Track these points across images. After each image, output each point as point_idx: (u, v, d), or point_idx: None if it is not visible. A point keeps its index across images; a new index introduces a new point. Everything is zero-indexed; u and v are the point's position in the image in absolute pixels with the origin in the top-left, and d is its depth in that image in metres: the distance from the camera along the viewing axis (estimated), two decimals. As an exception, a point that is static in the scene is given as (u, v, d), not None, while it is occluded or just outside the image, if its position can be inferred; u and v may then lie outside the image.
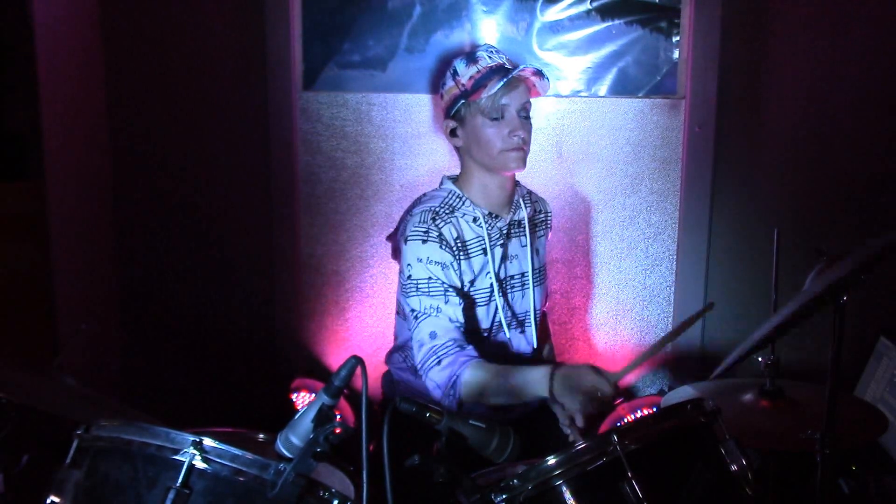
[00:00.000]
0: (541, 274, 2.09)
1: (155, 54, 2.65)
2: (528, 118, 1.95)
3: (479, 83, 1.91)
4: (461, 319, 1.88)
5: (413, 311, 1.88)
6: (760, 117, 2.60)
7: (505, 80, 1.87)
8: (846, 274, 1.41)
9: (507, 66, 1.95)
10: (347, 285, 2.73)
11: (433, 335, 1.84)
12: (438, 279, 1.87)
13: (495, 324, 2.00)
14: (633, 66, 2.59)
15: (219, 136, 2.69)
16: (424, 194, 2.04)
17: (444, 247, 1.89)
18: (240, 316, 2.78)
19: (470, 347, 1.85)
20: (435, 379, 1.83)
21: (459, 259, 1.92)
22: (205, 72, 2.66)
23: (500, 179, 1.99)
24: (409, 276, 1.89)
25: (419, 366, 1.86)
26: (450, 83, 1.96)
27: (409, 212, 2.01)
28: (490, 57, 1.94)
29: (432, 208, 1.94)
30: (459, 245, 1.93)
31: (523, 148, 1.93)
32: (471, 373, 1.79)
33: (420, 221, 1.91)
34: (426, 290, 1.86)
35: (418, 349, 1.86)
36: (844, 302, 1.46)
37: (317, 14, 2.59)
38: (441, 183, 2.04)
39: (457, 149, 2.03)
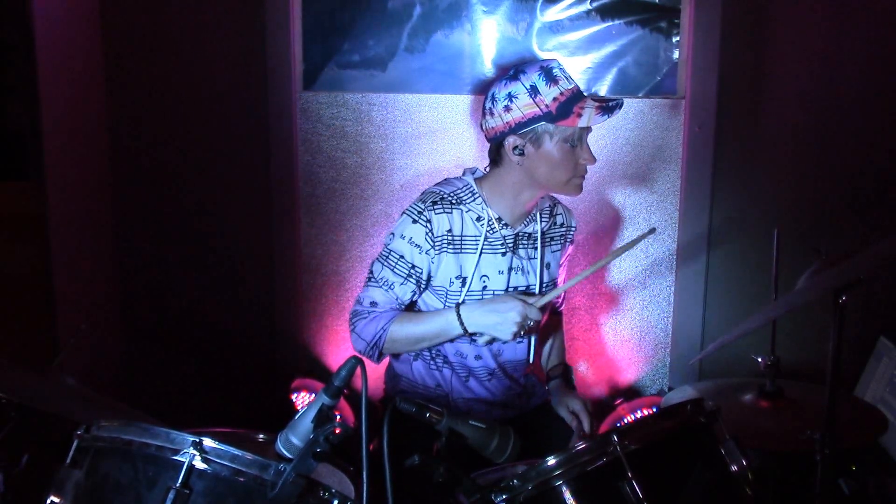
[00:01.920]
0: (548, 288, 2.05)
1: (155, 54, 2.65)
2: None
3: (566, 109, 1.86)
4: (406, 300, 1.97)
5: (372, 273, 1.98)
6: (760, 117, 2.60)
7: (609, 116, 1.85)
8: (844, 278, 1.41)
9: (580, 87, 1.92)
10: (347, 285, 2.73)
11: (374, 304, 1.96)
12: (408, 262, 1.93)
13: None
14: (633, 66, 2.59)
15: (219, 136, 2.69)
16: (446, 179, 2.04)
17: (428, 234, 1.92)
18: (240, 316, 2.78)
19: (396, 312, 1.97)
20: (361, 334, 1.94)
21: (442, 251, 1.93)
22: (205, 72, 2.66)
23: (536, 195, 1.98)
24: (387, 245, 1.97)
25: (349, 319, 1.98)
26: (525, 100, 1.86)
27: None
28: (567, 78, 1.90)
29: (440, 192, 1.96)
30: (449, 238, 1.93)
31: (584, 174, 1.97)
32: (396, 327, 1.92)
33: (421, 201, 1.95)
34: (393, 265, 1.94)
35: (355, 305, 1.99)
36: (844, 302, 1.46)
37: (317, 14, 2.59)
38: (462, 173, 2.04)
39: (494, 159, 1.98)
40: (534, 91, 1.87)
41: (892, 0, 2.51)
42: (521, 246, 2.01)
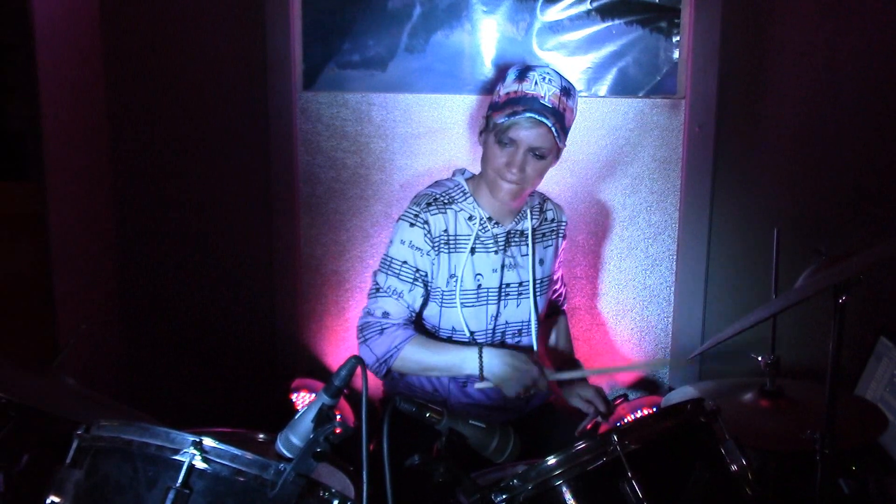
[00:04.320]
0: (543, 284, 2.07)
1: (155, 54, 2.65)
2: (540, 157, 1.88)
3: (508, 104, 1.85)
4: (417, 307, 1.95)
5: (377, 284, 1.96)
6: (760, 117, 2.60)
7: (514, 118, 1.81)
8: (844, 277, 1.41)
9: (547, 101, 1.84)
10: (347, 285, 2.73)
11: (386, 314, 1.92)
12: (412, 266, 1.92)
13: (488, 329, 1.99)
14: (633, 66, 2.59)
15: (219, 136, 2.69)
16: (437, 181, 2.05)
17: (426, 236, 1.92)
18: (240, 316, 2.78)
19: (411, 326, 1.94)
20: (372, 347, 1.90)
21: (440, 252, 1.94)
22: (205, 72, 2.65)
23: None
24: (387, 253, 1.96)
25: (359, 330, 1.94)
26: (497, 87, 1.93)
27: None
28: (538, 83, 1.85)
29: (433, 193, 1.97)
30: (445, 238, 1.94)
31: (518, 183, 1.89)
32: (410, 349, 1.88)
33: (416, 204, 1.96)
34: (397, 272, 1.93)
35: (366, 316, 1.94)
36: (844, 301, 1.46)
37: (317, 14, 2.59)
38: (453, 174, 2.06)
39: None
40: (503, 81, 1.92)
41: (892, 0, 2.51)
42: (513, 243, 2.02)
